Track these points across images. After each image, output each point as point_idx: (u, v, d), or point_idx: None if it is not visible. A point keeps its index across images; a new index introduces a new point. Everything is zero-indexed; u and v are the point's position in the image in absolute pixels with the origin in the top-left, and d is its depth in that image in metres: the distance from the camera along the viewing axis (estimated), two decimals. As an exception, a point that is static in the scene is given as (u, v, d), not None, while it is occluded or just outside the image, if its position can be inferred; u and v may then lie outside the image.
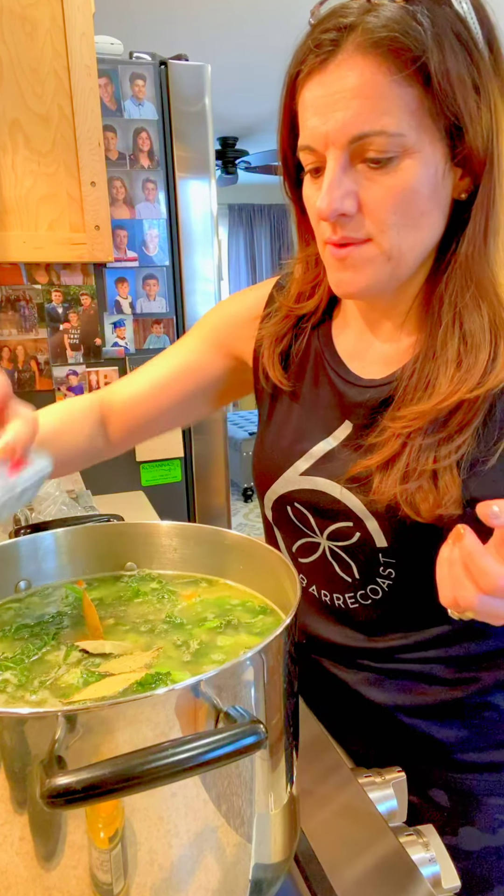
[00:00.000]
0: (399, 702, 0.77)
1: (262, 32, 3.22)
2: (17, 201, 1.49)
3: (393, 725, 0.78)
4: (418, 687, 0.76)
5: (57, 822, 0.41)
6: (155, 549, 0.74)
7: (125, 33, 2.30)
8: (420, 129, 0.58)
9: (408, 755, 0.76)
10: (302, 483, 0.76)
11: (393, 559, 0.70)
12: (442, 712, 0.76)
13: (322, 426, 0.75)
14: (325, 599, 0.79)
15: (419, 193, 0.60)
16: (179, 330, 1.92)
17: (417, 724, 0.77)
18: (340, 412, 0.74)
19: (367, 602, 0.75)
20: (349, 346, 0.76)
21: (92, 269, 1.81)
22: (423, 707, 0.76)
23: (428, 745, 0.77)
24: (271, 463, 0.79)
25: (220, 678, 0.43)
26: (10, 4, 1.40)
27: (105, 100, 1.72)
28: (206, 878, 0.46)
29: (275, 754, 0.50)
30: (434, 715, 0.76)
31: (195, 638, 0.60)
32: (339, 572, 0.76)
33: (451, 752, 0.77)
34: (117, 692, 0.51)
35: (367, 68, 0.57)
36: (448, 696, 0.76)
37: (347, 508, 0.71)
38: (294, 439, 0.77)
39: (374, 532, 0.70)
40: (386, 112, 0.57)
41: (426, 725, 0.77)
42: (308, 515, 0.76)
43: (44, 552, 0.71)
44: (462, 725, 0.76)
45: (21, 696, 0.52)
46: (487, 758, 0.77)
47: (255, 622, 0.62)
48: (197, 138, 1.81)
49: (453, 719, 0.76)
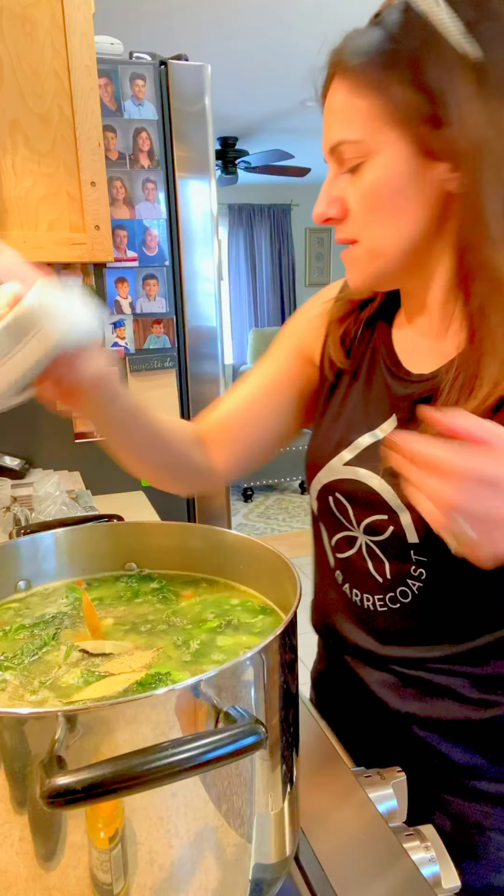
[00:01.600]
0: (415, 711, 0.75)
1: (263, 32, 3.22)
2: (17, 201, 1.48)
3: (405, 736, 0.76)
4: (438, 701, 0.74)
5: (57, 822, 0.41)
6: (155, 549, 0.74)
7: (125, 33, 2.30)
8: (379, 134, 0.63)
9: (416, 771, 0.72)
10: (344, 473, 0.76)
11: (424, 557, 0.70)
12: (459, 732, 0.74)
13: (370, 418, 0.76)
14: (355, 599, 0.78)
15: (388, 192, 0.64)
16: (179, 330, 1.92)
17: (431, 740, 0.75)
18: (388, 406, 0.74)
19: (396, 606, 0.74)
20: (405, 341, 0.77)
21: (92, 269, 1.81)
22: (440, 722, 0.74)
23: (439, 764, 0.75)
24: (320, 452, 0.80)
25: (220, 678, 0.43)
26: (10, 4, 1.40)
27: (105, 100, 1.72)
28: (206, 878, 0.46)
29: (275, 754, 0.50)
30: (450, 733, 0.74)
31: (195, 638, 0.60)
32: (371, 570, 0.75)
33: (463, 775, 0.75)
34: (117, 692, 0.51)
35: (340, 90, 0.65)
36: (468, 715, 0.73)
37: (383, 500, 0.71)
38: (344, 430, 0.78)
39: (406, 526, 0.70)
40: (348, 123, 0.64)
41: (440, 742, 0.75)
42: (347, 506, 0.76)
43: (44, 552, 0.71)
44: (478, 749, 0.74)
45: (21, 696, 0.52)
46: (501, 789, 0.74)
47: (255, 622, 0.62)
48: (197, 138, 1.81)
49: (470, 741, 0.74)
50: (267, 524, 4.64)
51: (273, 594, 0.65)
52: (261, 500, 5.18)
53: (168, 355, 1.91)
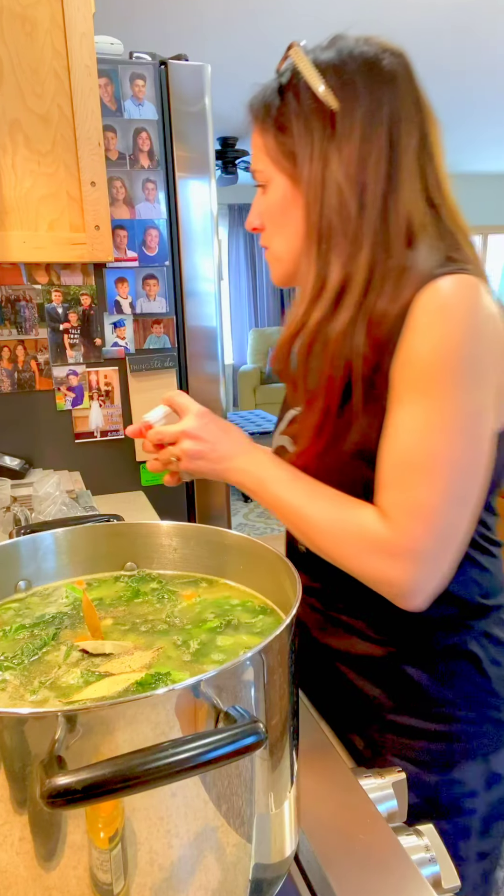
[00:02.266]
0: (334, 645, 0.88)
1: (262, 32, 3.22)
2: (17, 201, 1.48)
3: (332, 671, 0.89)
4: (349, 637, 0.86)
5: (57, 822, 0.41)
6: (155, 549, 0.74)
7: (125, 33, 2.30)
8: (270, 165, 0.81)
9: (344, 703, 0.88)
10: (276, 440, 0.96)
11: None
12: (366, 666, 0.86)
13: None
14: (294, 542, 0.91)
15: (277, 210, 0.82)
16: (179, 330, 1.91)
17: (350, 675, 0.88)
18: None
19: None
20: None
21: (92, 269, 1.81)
22: (352, 656, 0.87)
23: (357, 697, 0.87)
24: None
25: (220, 678, 0.43)
26: (10, 4, 1.40)
27: (105, 100, 1.72)
28: (206, 878, 0.46)
29: (275, 754, 0.50)
30: (361, 668, 0.87)
31: (195, 638, 0.60)
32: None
33: (374, 708, 0.86)
34: (117, 692, 0.51)
35: (252, 127, 0.84)
36: (371, 651, 0.85)
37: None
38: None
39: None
40: (255, 154, 0.84)
41: (357, 678, 0.87)
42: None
43: (44, 552, 0.71)
44: (380, 685, 0.85)
45: (21, 696, 0.52)
46: (397, 720, 0.85)
47: (255, 622, 0.62)
48: (197, 138, 1.81)
49: (376, 677, 0.86)
50: (267, 524, 4.64)
51: (273, 594, 0.65)
52: (261, 500, 5.18)
53: (168, 355, 1.91)
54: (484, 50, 3.62)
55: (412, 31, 3.24)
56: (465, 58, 3.71)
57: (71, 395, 1.85)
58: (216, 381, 1.96)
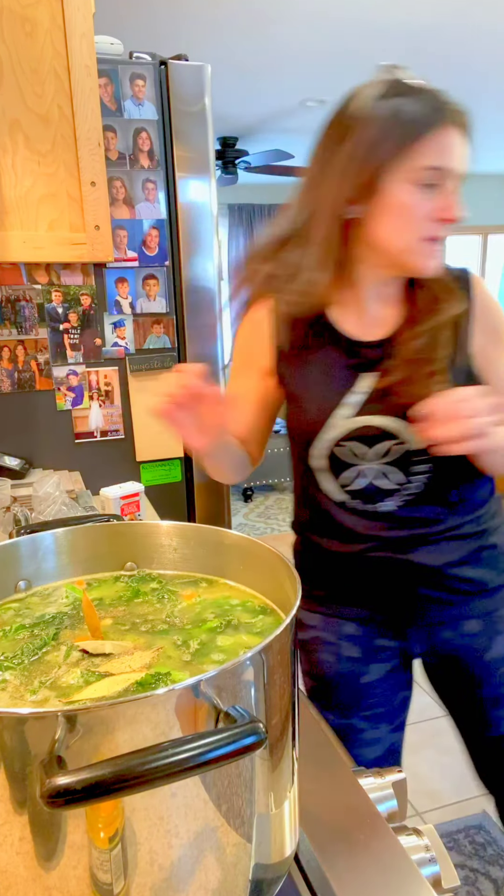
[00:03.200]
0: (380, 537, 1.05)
1: (262, 32, 3.22)
2: (17, 201, 1.48)
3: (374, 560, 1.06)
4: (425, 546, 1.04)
5: (57, 822, 0.41)
6: (155, 549, 0.74)
7: (125, 33, 2.30)
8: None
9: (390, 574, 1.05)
10: (355, 423, 1.00)
11: (425, 456, 0.99)
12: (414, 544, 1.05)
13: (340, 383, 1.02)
14: (366, 508, 1.03)
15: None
16: (179, 330, 1.92)
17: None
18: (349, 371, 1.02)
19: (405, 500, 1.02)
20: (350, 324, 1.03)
21: (92, 269, 1.81)
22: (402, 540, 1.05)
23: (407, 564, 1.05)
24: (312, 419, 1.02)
25: (220, 678, 0.43)
26: (10, 4, 1.40)
27: (105, 100, 1.72)
28: (206, 878, 0.46)
29: (275, 754, 0.50)
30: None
31: (195, 638, 0.60)
32: (381, 485, 1.02)
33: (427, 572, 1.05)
34: (117, 692, 0.51)
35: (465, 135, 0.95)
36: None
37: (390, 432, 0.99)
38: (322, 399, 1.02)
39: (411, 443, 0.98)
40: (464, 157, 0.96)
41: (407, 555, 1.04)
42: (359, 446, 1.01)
43: (44, 552, 0.71)
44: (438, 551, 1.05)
45: (21, 696, 0.52)
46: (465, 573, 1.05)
47: (255, 622, 0.62)
48: (197, 138, 1.81)
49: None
50: (267, 524, 4.64)
51: (273, 594, 0.65)
52: (261, 500, 5.18)
53: (168, 355, 1.91)
54: (484, 49, 3.62)
55: (412, 30, 3.25)
56: (466, 57, 3.71)
57: (71, 395, 1.85)
58: (216, 380, 1.96)
